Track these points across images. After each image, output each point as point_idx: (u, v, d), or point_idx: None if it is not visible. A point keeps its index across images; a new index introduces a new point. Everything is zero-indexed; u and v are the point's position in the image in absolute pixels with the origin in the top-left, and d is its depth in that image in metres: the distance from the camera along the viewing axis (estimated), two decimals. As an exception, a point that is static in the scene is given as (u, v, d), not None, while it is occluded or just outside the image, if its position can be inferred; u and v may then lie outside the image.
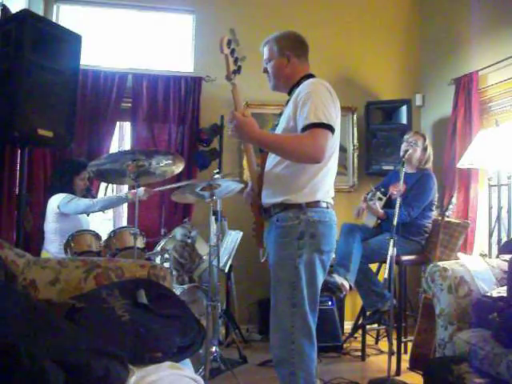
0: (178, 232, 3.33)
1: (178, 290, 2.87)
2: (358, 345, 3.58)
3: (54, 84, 2.83)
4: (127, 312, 1.62)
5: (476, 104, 3.67)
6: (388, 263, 2.82)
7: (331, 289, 3.00)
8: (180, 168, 3.14)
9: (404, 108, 4.23)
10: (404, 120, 4.21)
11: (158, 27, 4.41)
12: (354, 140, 4.47)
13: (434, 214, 3.42)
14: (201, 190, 2.64)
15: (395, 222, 2.86)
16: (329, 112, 1.85)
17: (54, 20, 4.09)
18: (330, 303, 3.68)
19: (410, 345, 3.08)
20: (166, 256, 3.18)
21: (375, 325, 3.72)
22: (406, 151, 3.22)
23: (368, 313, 3.36)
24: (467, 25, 3.90)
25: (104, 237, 3.24)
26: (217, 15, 4.30)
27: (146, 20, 4.40)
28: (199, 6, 4.35)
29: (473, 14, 3.83)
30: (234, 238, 3.51)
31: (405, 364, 3.06)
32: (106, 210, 3.54)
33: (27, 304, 1.41)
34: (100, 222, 4.86)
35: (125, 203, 3.52)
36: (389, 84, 4.56)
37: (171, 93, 4.09)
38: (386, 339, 3.43)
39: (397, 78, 4.59)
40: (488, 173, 3.56)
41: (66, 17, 4.22)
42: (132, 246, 2.99)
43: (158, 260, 3.18)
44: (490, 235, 3.48)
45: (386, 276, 2.83)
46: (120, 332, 1.51)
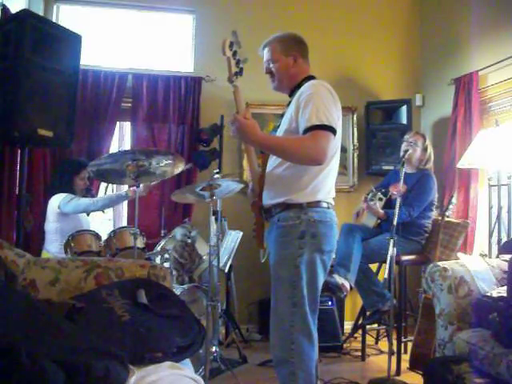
0: (178, 232, 3.33)
1: (178, 290, 2.86)
2: (358, 345, 3.58)
3: (54, 84, 2.83)
4: (127, 312, 1.62)
5: (476, 104, 3.67)
6: (388, 263, 2.82)
7: (332, 289, 3.00)
8: (180, 168, 3.14)
9: (404, 108, 4.23)
10: (404, 120, 4.22)
11: (158, 27, 4.41)
12: (354, 140, 4.47)
13: (434, 214, 3.42)
14: (201, 190, 2.64)
15: (395, 222, 2.86)
16: (330, 114, 1.86)
17: (54, 20, 4.09)
18: (330, 303, 3.68)
19: (410, 345, 3.07)
20: (166, 256, 3.18)
21: (375, 325, 3.72)
22: (406, 151, 3.22)
23: (368, 313, 3.36)
24: (467, 25, 3.90)
25: (104, 237, 3.24)
26: (217, 15, 4.31)
27: (146, 20, 4.40)
28: (199, 6, 4.35)
29: (473, 14, 3.83)
30: (234, 238, 3.51)
31: (405, 364, 3.06)
32: (106, 209, 3.55)
33: (27, 304, 1.41)
34: (100, 222, 4.85)
35: (125, 201, 3.52)
36: (389, 84, 4.56)
37: (171, 93, 4.09)
38: (386, 339, 3.43)
39: (397, 78, 4.59)
40: (488, 173, 3.57)
41: (66, 17, 4.22)
42: (132, 246, 2.99)
43: (158, 260, 3.18)
44: (490, 235, 3.48)
45: (386, 276, 2.84)
46: (120, 332, 1.52)
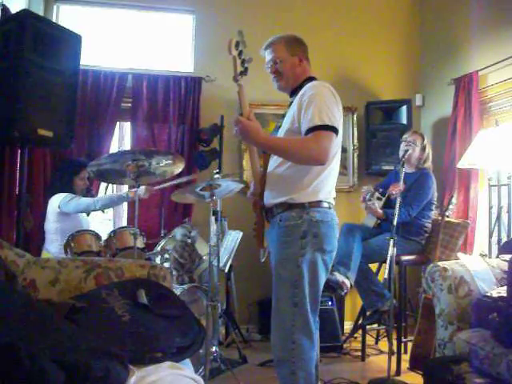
0: (178, 232, 3.33)
1: (178, 290, 2.86)
2: (358, 345, 3.58)
3: (54, 84, 2.83)
4: (127, 312, 1.62)
5: (476, 104, 3.67)
6: (388, 263, 2.82)
7: (332, 287, 3.00)
8: (180, 168, 3.14)
9: (404, 108, 4.23)
10: (404, 120, 4.21)
11: (158, 27, 4.41)
12: (354, 140, 4.47)
13: (434, 214, 3.42)
14: (201, 190, 2.64)
15: (395, 222, 2.86)
16: (333, 114, 1.88)
17: (54, 20, 4.09)
18: (330, 303, 3.68)
19: (410, 345, 3.08)
20: (166, 256, 3.18)
21: (375, 325, 3.72)
22: (406, 151, 3.23)
23: (368, 313, 3.36)
24: (467, 25, 3.90)
25: (104, 237, 3.24)
26: (217, 15, 4.31)
27: (146, 20, 4.40)
28: (199, 6, 4.35)
29: (473, 14, 3.83)
30: (234, 238, 3.51)
31: (405, 364, 3.07)
32: (107, 210, 3.55)
33: (27, 304, 1.41)
34: (100, 222, 4.86)
35: (125, 202, 3.52)
36: (389, 84, 4.56)
37: (171, 93, 4.09)
38: (386, 339, 3.43)
39: (397, 78, 4.59)
40: (488, 173, 3.57)
41: (66, 17, 4.22)
42: (132, 246, 2.99)
43: (158, 260, 3.18)
44: (490, 235, 3.48)
45: (386, 276, 2.84)
46: (120, 332, 1.52)
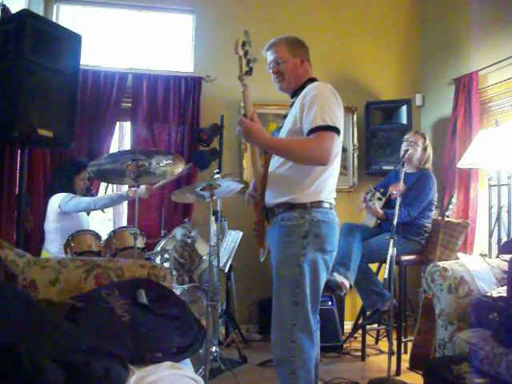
0: (178, 232, 3.33)
1: (178, 290, 2.86)
2: (358, 345, 3.58)
3: (54, 84, 2.83)
4: (127, 312, 1.62)
5: (476, 104, 3.67)
6: (388, 263, 2.82)
7: (331, 287, 3.00)
8: (180, 168, 3.14)
9: (404, 108, 4.23)
10: (404, 120, 4.21)
11: (158, 27, 4.41)
12: (354, 140, 4.47)
13: (434, 214, 3.42)
14: (201, 190, 2.64)
15: (395, 222, 2.86)
16: (335, 114, 1.89)
17: (54, 20, 4.08)
18: (330, 303, 3.68)
19: (410, 345, 3.08)
20: (166, 256, 3.18)
21: (375, 325, 3.72)
22: (407, 151, 3.22)
23: (368, 313, 3.36)
24: (467, 25, 3.90)
25: (104, 237, 3.24)
26: (217, 15, 4.31)
27: (146, 20, 4.40)
28: (199, 6, 4.35)
29: (473, 14, 3.83)
30: (234, 238, 3.51)
31: (405, 364, 3.07)
32: (107, 209, 3.55)
33: (27, 304, 1.41)
34: (100, 222, 4.85)
35: (125, 201, 3.52)
36: (389, 84, 4.56)
37: (171, 93, 4.08)
38: (386, 339, 3.43)
39: (397, 78, 4.59)
40: (488, 173, 3.57)
41: (66, 17, 4.22)
42: (132, 246, 2.99)
43: (158, 260, 3.18)
44: (490, 235, 3.48)
45: (386, 276, 2.84)
46: (120, 332, 1.52)
